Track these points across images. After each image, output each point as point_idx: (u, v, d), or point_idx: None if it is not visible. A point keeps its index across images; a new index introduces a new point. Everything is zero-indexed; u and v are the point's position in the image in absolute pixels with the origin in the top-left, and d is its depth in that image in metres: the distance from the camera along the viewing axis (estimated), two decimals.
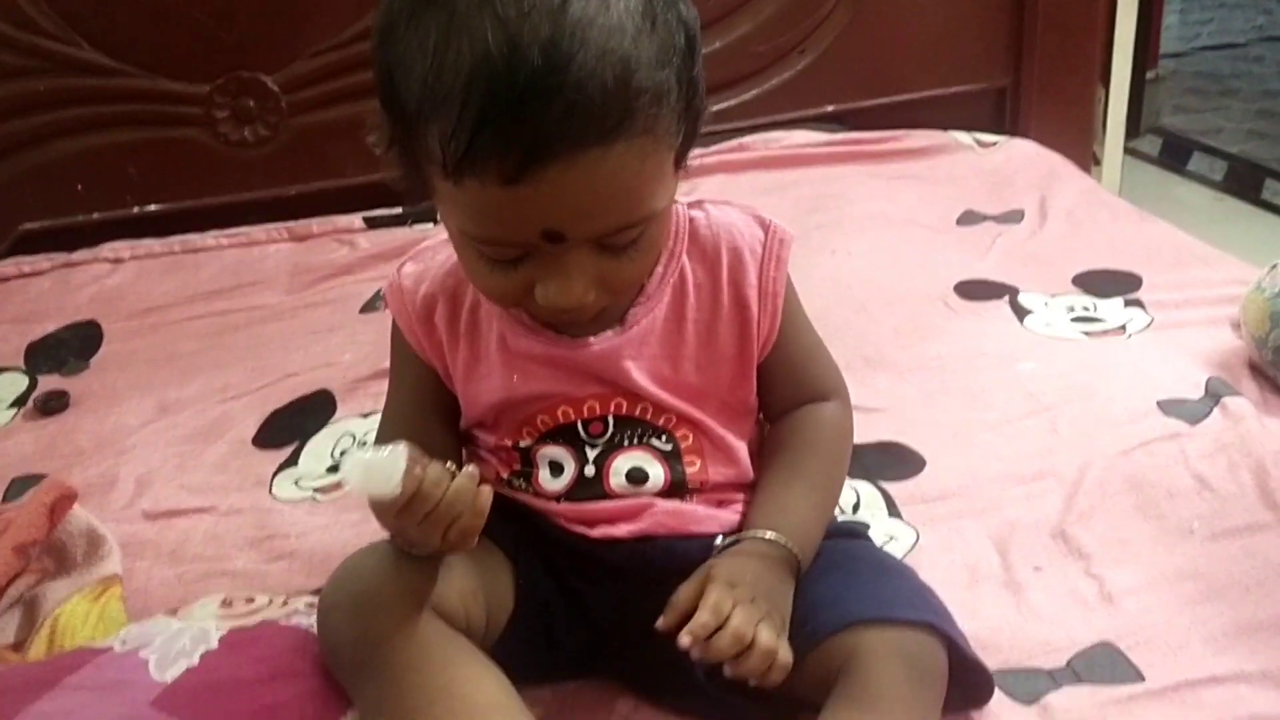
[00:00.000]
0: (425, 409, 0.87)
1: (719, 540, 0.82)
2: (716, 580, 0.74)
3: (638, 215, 0.71)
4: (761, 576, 0.76)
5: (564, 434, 0.83)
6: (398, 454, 0.68)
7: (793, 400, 0.88)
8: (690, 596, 0.73)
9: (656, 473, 0.83)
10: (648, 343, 0.82)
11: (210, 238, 1.69)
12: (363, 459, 0.68)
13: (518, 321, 0.83)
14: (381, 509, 0.70)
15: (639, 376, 0.82)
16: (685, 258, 0.84)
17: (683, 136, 0.73)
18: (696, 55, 0.73)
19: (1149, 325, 1.32)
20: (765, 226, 0.86)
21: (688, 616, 0.72)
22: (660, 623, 0.73)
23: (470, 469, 0.72)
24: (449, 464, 0.71)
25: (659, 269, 0.83)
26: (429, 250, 0.87)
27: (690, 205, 0.86)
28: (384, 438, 0.88)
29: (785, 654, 0.72)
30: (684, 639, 0.70)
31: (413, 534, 0.72)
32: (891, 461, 1.11)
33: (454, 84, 0.66)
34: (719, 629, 0.71)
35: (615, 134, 0.66)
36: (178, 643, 0.76)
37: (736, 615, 0.71)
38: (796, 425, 0.87)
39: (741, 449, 0.86)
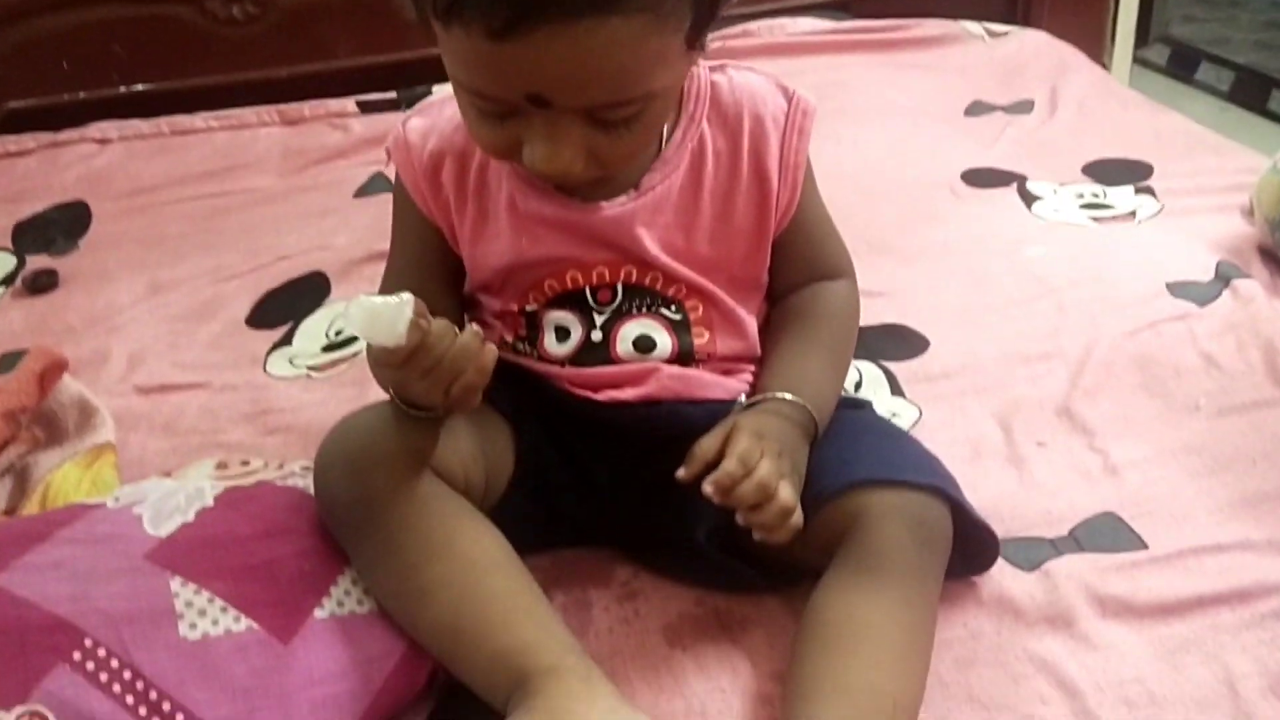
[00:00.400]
0: (427, 270, 0.85)
1: (741, 399, 0.81)
2: (744, 430, 0.72)
3: (629, 93, 0.68)
4: (786, 433, 0.75)
5: (572, 300, 0.81)
6: (405, 303, 0.66)
7: (805, 276, 0.86)
8: (713, 446, 0.72)
9: (664, 341, 0.82)
10: (662, 210, 0.80)
11: (199, 119, 1.65)
12: (370, 303, 0.66)
13: (528, 182, 0.80)
14: (385, 359, 0.68)
15: (651, 245, 0.79)
16: (705, 123, 0.81)
17: (694, 18, 0.69)
18: None
19: (1159, 212, 1.30)
20: (789, 95, 0.83)
21: (710, 467, 0.70)
22: (682, 472, 0.72)
23: (475, 328, 0.70)
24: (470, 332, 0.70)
25: (678, 134, 0.80)
26: (435, 105, 0.84)
27: (712, 68, 0.82)
28: None
29: (799, 515, 0.71)
30: (707, 486, 0.69)
31: (416, 389, 0.70)
32: (895, 342, 1.10)
33: None
34: (744, 477, 0.69)
35: (612, 6, 0.63)
36: (173, 500, 0.75)
37: (763, 465, 0.70)
38: (811, 298, 0.86)
39: (751, 323, 0.85)
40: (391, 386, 0.73)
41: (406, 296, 0.67)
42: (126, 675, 0.64)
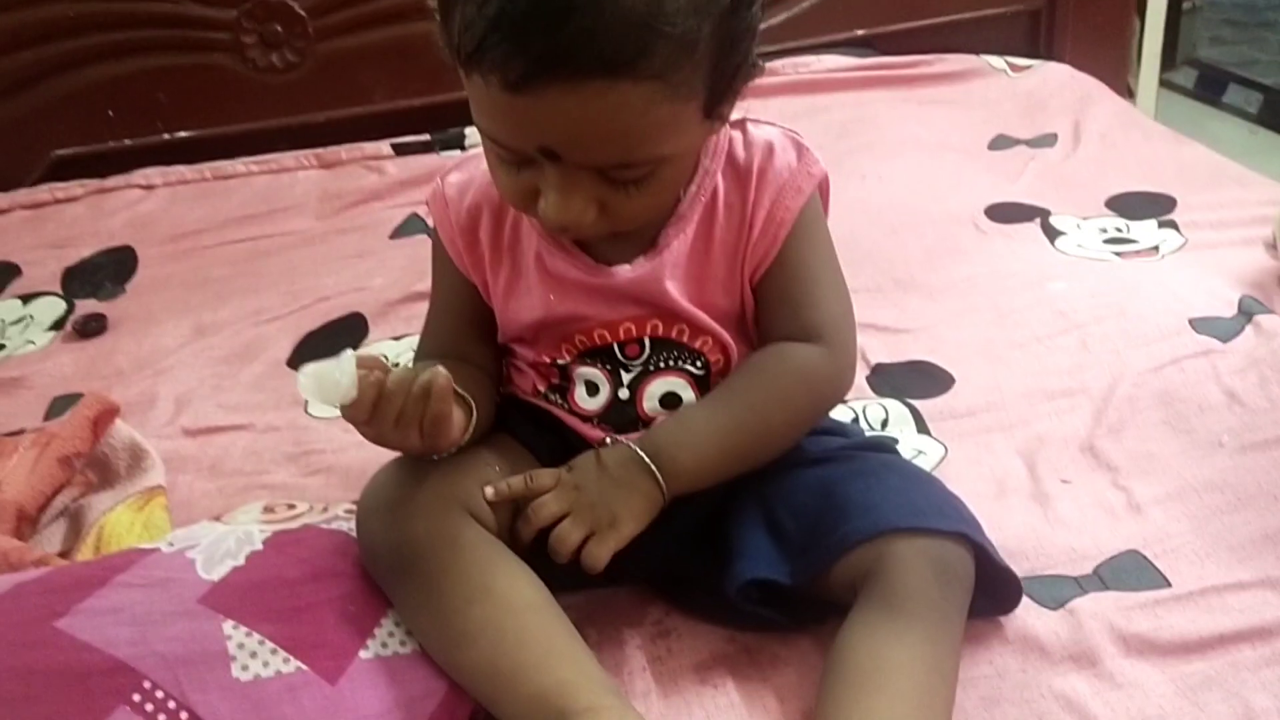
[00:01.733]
0: (463, 321, 0.88)
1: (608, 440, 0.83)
2: (562, 491, 0.78)
3: (637, 155, 0.71)
4: (611, 480, 0.78)
5: (601, 355, 0.84)
6: (345, 360, 0.71)
7: (776, 334, 0.84)
8: (535, 487, 0.79)
9: (689, 397, 0.84)
10: (679, 264, 0.82)
11: (240, 164, 1.70)
12: (314, 369, 0.71)
13: (553, 241, 0.83)
14: (348, 416, 0.73)
15: (677, 296, 0.82)
16: (720, 176, 0.82)
17: (709, 92, 0.72)
18: (746, 10, 0.71)
19: (1182, 246, 1.31)
20: (800, 154, 0.83)
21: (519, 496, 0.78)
22: (490, 494, 0.78)
23: (439, 369, 0.74)
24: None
25: (692, 187, 0.82)
26: (474, 159, 0.86)
27: (732, 124, 0.84)
28: (424, 349, 0.90)
29: (593, 559, 0.76)
30: (520, 525, 0.78)
31: (392, 439, 0.75)
32: (920, 379, 1.12)
33: None
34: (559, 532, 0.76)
35: (623, 71, 0.66)
36: (224, 544, 0.78)
37: (566, 521, 0.77)
38: (758, 356, 0.84)
39: None
40: (373, 441, 0.76)
41: (347, 354, 0.71)
42: (183, 717, 0.67)
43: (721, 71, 0.72)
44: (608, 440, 0.83)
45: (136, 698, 0.67)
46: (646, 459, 0.78)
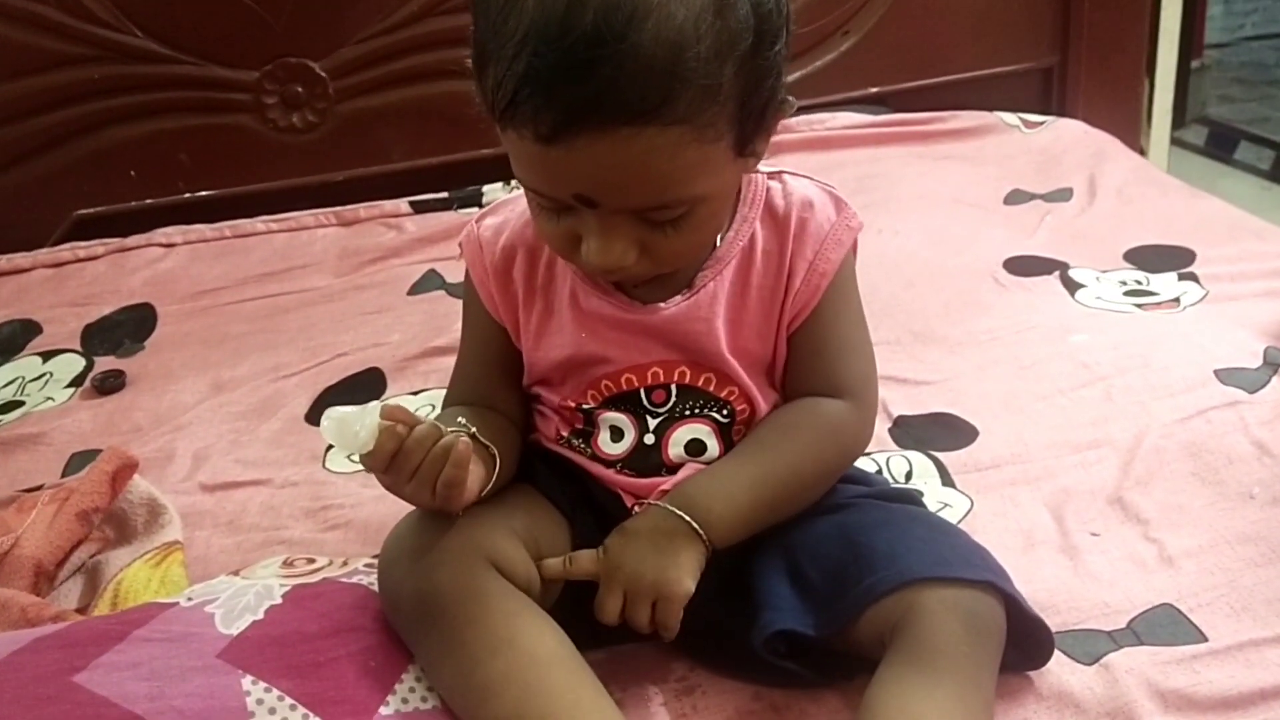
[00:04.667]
0: (492, 368, 0.88)
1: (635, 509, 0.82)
2: (609, 580, 0.77)
3: (671, 197, 0.72)
4: (654, 558, 0.77)
5: (627, 400, 0.84)
6: (368, 411, 0.71)
7: (805, 387, 0.85)
8: (574, 571, 0.79)
9: (713, 445, 0.84)
10: (715, 307, 0.82)
11: (260, 223, 1.71)
12: (339, 414, 0.71)
13: (590, 281, 0.83)
14: (366, 465, 0.74)
15: (708, 341, 0.82)
16: (758, 224, 0.83)
17: (740, 128, 0.72)
18: (768, 50, 0.71)
19: (1203, 298, 1.31)
20: (839, 208, 0.85)
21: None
22: (546, 572, 0.79)
23: (463, 433, 0.75)
24: (458, 428, 0.75)
25: (729, 233, 0.83)
26: (508, 203, 0.88)
27: (770, 175, 0.85)
28: (452, 396, 0.90)
29: (666, 630, 0.78)
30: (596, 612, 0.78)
31: (405, 491, 0.75)
32: (943, 432, 1.11)
33: (513, 33, 0.67)
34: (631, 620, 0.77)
35: (648, 118, 0.67)
36: (243, 598, 0.77)
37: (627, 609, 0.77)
38: (788, 409, 0.84)
39: None
40: (388, 490, 0.76)
41: (372, 405, 0.72)
42: None
43: (749, 111, 0.73)
44: (635, 509, 0.82)
45: None
46: (683, 514, 0.78)
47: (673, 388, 0.83)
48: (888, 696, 0.72)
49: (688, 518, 0.77)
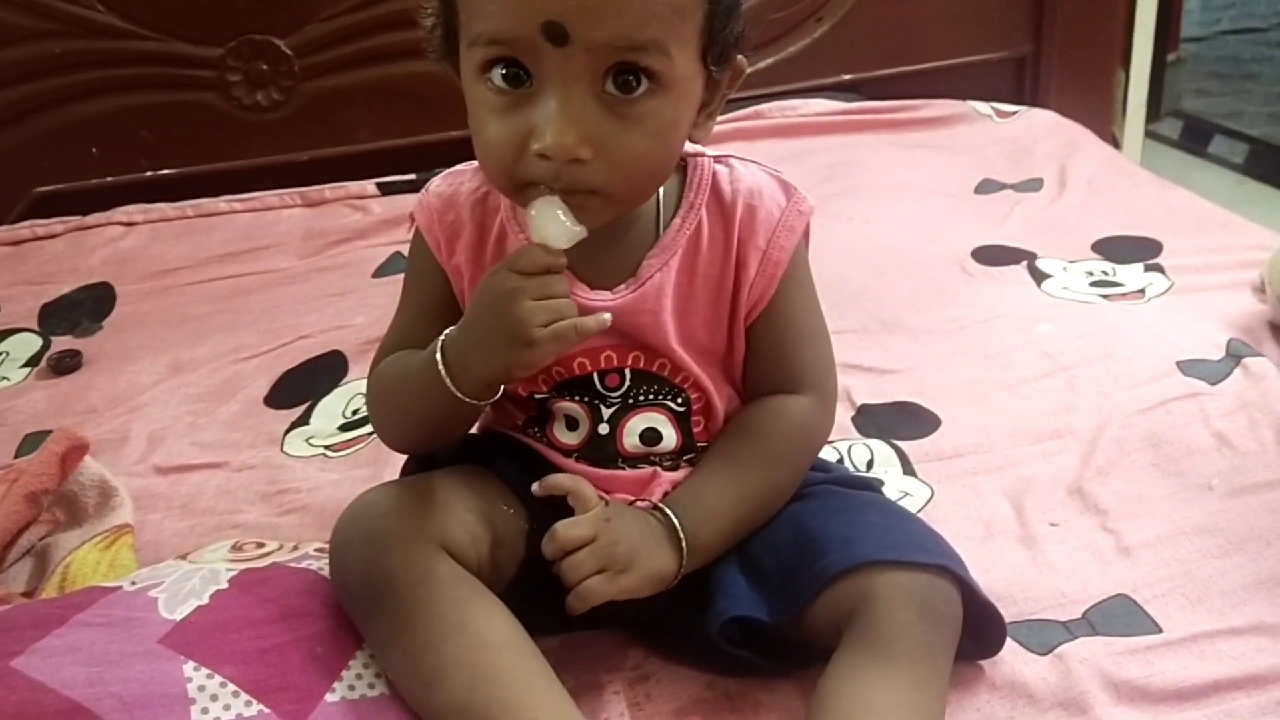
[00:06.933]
0: (435, 313, 0.83)
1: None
2: (605, 521, 0.75)
3: (646, 35, 0.68)
4: (642, 536, 0.76)
5: (580, 386, 0.82)
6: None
7: (766, 382, 0.84)
8: (581, 496, 0.76)
9: (669, 434, 0.83)
10: (662, 297, 0.80)
11: (223, 202, 1.69)
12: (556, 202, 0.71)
13: None
14: (540, 261, 0.71)
15: (657, 332, 0.80)
16: (704, 210, 0.82)
17: (708, 28, 0.71)
18: None
19: (1169, 289, 1.31)
20: (789, 193, 0.83)
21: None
22: (536, 488, 0.77)
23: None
24: None
25: (676, 220, 0.81)
26: (460, 174, 0.85)
27: (716, 159, 0.84)
28: (391, 345, 0.86)
29: (589, 592, 0.74)
30: (547, 545, 0.74)
31: (521, 309, 0.71)
32: (906, 421, 1.10)
33: None
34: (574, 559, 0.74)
35: None
36: (188, 583, 0.76)
37: (584, 550, 0.74)
38: (756, 415, 0.84)
39: (722, 416, 0.85)
40: (500, 302, 0.72)
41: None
42: None
43: (715, 30, 0.72)
44: (638, 503, 0.81)
45: None
46: (681, 533, 0.77)
47: (627, 372, 0.82)
48: (841, 684, 0.71)
49: (684, 542, 0.77)
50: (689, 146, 0.82)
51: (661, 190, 0.81)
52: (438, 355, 0.75)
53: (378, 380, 0.85)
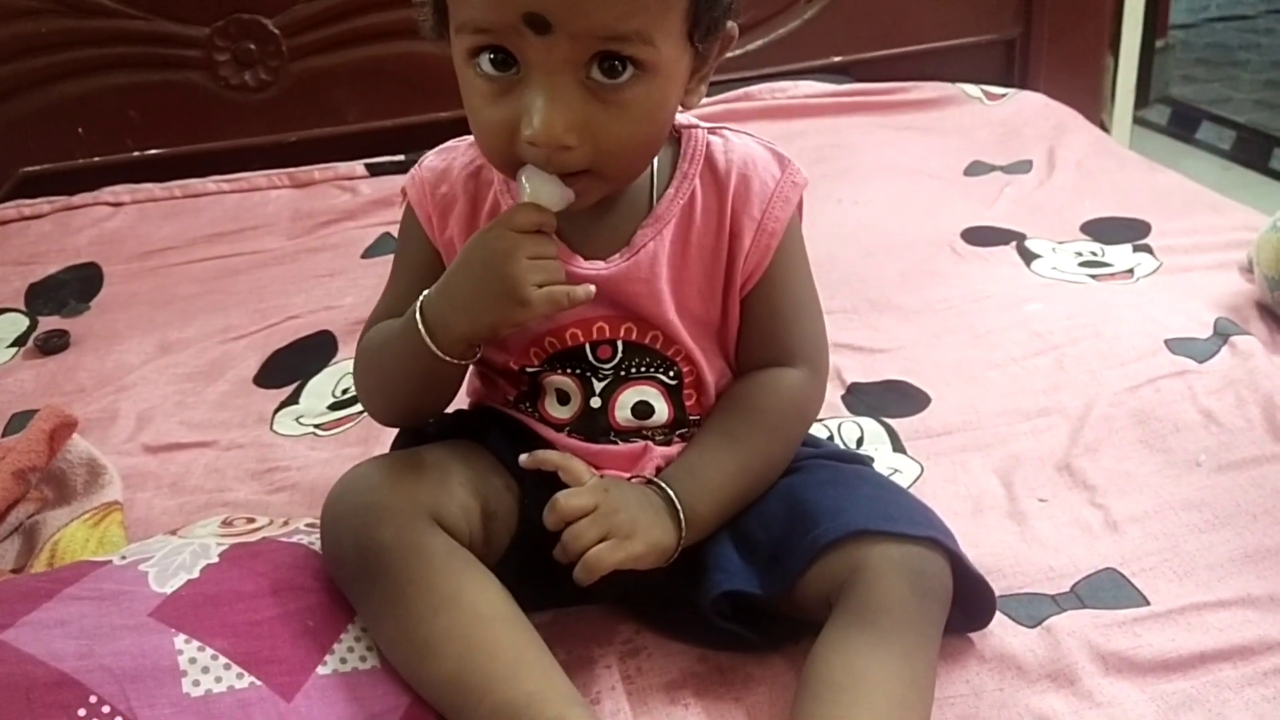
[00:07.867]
0: (426, 286, 0.81)
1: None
2: (606, 493, 0.75)
3: (629, 25, 0.68)
4: (643, 508, 0.76)
5: (572, 358, 0.82)
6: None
7: (760, 355, 0.84)
8: (570, 469, 0.76)
9: (661, 408, 0.83)
10: (656, 266, 0.80)
11: (211, 183, 1.68)
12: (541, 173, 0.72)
13: None
14: (532, 219, 0.72)
15: (648, 303, 0.80)
16: (698, 180, 0.81)
17: (693, 15, 0.71)
18: None
19: (1157, 270, 1.31)
20: (783, 164, 0.83)
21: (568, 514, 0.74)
22: (525, 460, 0.78)
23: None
24: None
25: (670, 190, 0.81)
26: (454, 149, 0.85)
27: (711, 130, 0.84)
28: (379, 314, 0.86)
29: (598, 560, 0.74)
30: (548, 514, 0.74)
31: (517, 268, 0.71)
32: (896, 398, 1.11)
33: None
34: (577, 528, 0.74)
35: None
36: (178, 557, 0.76)
37: (586, 519, 0.74)
38: (750, 389, 0.84)
39: (713, 390, 0.85)
40: (494, 259, 0.72)
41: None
42: None
43: (700, 13, 0.72)
44: (633, 479, 0.81)
45: (82, 712, 0.64)
46: (680, 507, 0.77)
47: (619, 343, 0.81)
48: (832, 655, 0.72)
49: (682, 516, 0.77)
50: (684, 117, 0.83)
51: (655, 160, 0.80)
52: (417, 315, 0.75)
53: (363, 350, 0.85)
